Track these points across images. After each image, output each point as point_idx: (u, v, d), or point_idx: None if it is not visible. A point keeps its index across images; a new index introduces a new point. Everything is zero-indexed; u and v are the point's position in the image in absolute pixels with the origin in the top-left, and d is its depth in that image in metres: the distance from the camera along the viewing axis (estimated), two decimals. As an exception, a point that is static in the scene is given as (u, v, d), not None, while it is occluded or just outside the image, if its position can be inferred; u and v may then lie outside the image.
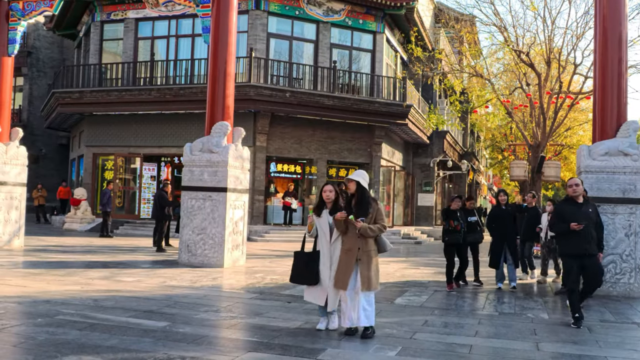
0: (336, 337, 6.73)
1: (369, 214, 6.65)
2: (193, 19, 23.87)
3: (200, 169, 13.13)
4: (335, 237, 6.84)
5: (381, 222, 6.77)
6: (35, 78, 34.64)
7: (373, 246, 6.76)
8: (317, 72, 23.80)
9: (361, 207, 6.66)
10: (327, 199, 6.86)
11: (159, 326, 6.92)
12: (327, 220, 6.85)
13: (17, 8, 15.78)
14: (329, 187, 6.92)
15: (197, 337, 6.49)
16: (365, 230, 6.57)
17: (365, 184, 6.78)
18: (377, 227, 6.69)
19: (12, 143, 15.98)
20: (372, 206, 6.73)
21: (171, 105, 22.89)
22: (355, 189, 6.76)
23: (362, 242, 6.65)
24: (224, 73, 13.46)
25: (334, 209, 6.82)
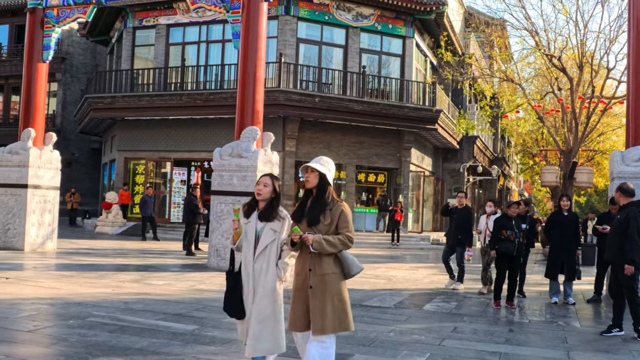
0: (365, 342, 6.71)
1: (319, 220, 4.54)
2: (223, 24, 24.06)
3: (230, 173, 13.21)
4: (259, 251, 4.84)
5: (345, 231, 4.55)
6: (68, 83, 35.22)
7: (332, 267, 4.57)
8: (346, 77, 23.80)
9: (315, 210, 4.59)
10: (257, 195, 4.87)
11: (188, 329, 6.97)
12: (255, 227, 4.90)
13: (52, 15, 16.08)
14: (264, 180, 4.93)
15: (226, 340, 6.52)
16: (320, 245, 4.43)
17: (330, 177, 4.68)
18: (339, 240, 4.50)
19: (46, 147, 16.26)
20: (331, 208, 4.58)
21: (201, 110, 23.09)
22: (317, 183, 4.63)
23: (314, 262, 4.53)
24: (253, 78, 13.53)
25: (266, 212, 4.88)
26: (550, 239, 10.85)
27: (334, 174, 4.79)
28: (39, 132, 16.26)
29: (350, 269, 4.69)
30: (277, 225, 4.88)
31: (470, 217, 11.54)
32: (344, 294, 4.64)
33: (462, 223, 11.42)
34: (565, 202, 10.56)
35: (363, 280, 12.34)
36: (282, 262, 4.87)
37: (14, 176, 15.72)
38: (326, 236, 4.49)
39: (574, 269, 10.49)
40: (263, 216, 4.87)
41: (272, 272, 4.84)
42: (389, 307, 9.31)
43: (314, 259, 4.55)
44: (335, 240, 4.51)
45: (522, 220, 10.35)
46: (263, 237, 4.86)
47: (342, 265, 4.66)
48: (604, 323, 8.53)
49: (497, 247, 9.69)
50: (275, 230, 4.87)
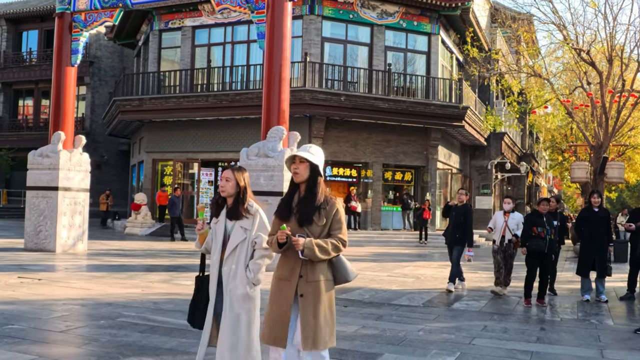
0: (394, 341, 6.67)
1: (312, 220, 3.99)
2: (248, 25, 24.14)
3: (257, 173, 13.25)
4: (229, 252, 4.35)
5: (338, 234, 4.03)
6: (97, 87, 35.67)
7: (325, 273, 4.07)
8: (371, 75, 23.73)
9: (307, 208, 4.01)
10: (222, 191, 4.42)
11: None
12: (224, 227, 4.42)
13: (80, 19, 16.28)
14: (225, 174, 4.43)
15: (255, 340, 6.52)
16: (312, 252, 3.89)
17: (321, 169, 4.14)
18: (333, 245, 3.97)
19: (76, 150, 16.48)
20: (325, 207, 4.04)
21: (227, 110, 23.20)
22: (308, 176, 4.08)
23: (306, 267, 4.02)
24: (279, 78, 13.55)
25: (233, 209, 4.39)
26: (581, 236, 10.68)
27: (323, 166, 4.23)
28: (68, 135, 16.48)
29: (346, 275, 4.19)
30: (248, 223, 4.36)
31: (469, 216, 10.94)
32: (333, 304, 4.15)
33: (460, 221, 10.84)
34: (596, 198, 10.43)
35: (391, 279, 12.30)
36: (253, 263, 4.33)
37: (44, 179, 15.96)
38: (318, 241, 3.94)
39: (606, 266, 10.33)
40: (231, 214, 4.38)
41: (241, 275, 4.31)
42: (417, 305, 9.25)
43: (306, 263, 4.02)
44: (328, 246, 3.96)
45: (553, 217, 10.18)
46: (232, 236, 4.36)
47: (336, 271, 4.15)
48: (637, 321, 8.39)
49: (528, 244, 9.59)
50: (245, 229, 4.35)
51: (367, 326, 7.46)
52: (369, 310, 8.62)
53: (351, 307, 8.90)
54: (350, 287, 10.93)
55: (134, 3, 15.66)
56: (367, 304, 9.27)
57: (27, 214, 16.12)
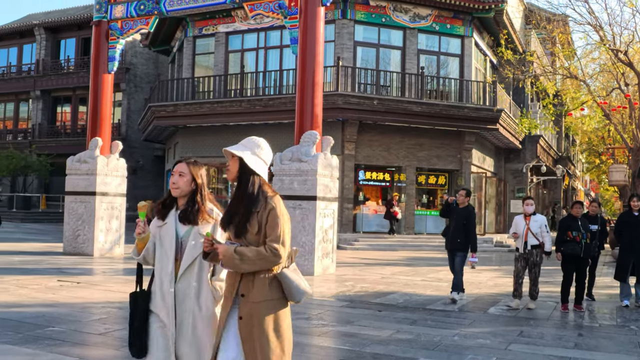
0: (429, 346, 6.64)
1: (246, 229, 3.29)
2: (281, 30, 24.28)
3: (290, 177, 13.31)
4: (186, 265, 3.51)
5: (271, 241, 3.25)
6: (132, 93, 36.22)
7: (269, 291, 3.30)
8: (404, 78, 23.65)
9: (237, 214, 3.33)
10: (174, 189, 3.63)
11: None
12: (174, 232, 3.59)
13: (116, 27, 16.57)
14: (178, 168, 3.71)
15: (290, 344, 6.55)
16: (231, 261, 3.22)
17: (255, 164, 3.44)
18: (258, 254, 3.22)
19: (113, 155, 16.76)
20: (259, 210, 3.30)
21: (261, 115, 23.34)
22: (237, 171, 3.43)
23: (247, 284, 3.30)
24: (312, 83, 13.61)
25: (188, 210, 3.59)
26: (619, 240, 10.44)
27: (268, 160, 3.53)
28: (105, 141, 16.77)
29: (290, 294, 3.34)
30: (208, 229, 3.53)
31: (472, 219, 10.00)
32: (285, 327, 3.34)
33: (461, 225, 9.95)
34: (635, 202, 10.19)
35: (425, 284, 12.25)
36: (218, 280, 3.60)
37: (82, 184, 16.27)
38: (242, 248, 3.22)
39: None
40: (185, 216, 3.56)
41: (206, 292, 3.53)
42: (452, 310, 9.19)
43: (247, 278, 3.29)
44: (252, 255, 3.19)
45: (592, 221, 10.01)
46: (191, 246, 3.52)
47: (284, 287, 3.34)
48: (679, 327, 8.21)
49: (563, 248, 9.43)
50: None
51: (401, 330, 7.44)
52: (403, 315, 8.60)
53: (385, 311, 8.88)
54: (384, 292, 10.93)
55: (169, 10, 15.88)
56: (401, 308, 9.24)
57: (66, 218, 16.44)
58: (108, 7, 16.59)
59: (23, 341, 6.25)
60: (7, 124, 40.29)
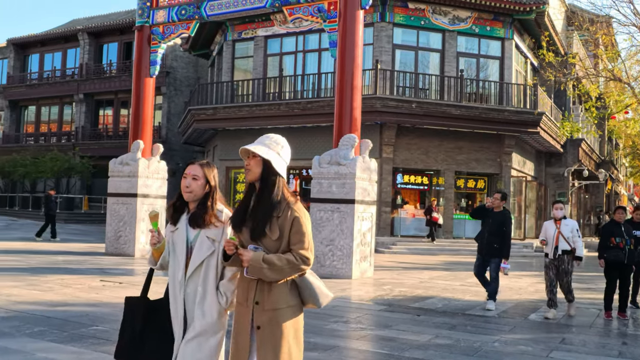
0: (469, 352, 6.58)
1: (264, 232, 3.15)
2: (319, 34, 24.36)
3: (329, 181, 13.34)
4: (192, 269, 3.41)
5: (298, 249, 3.14)
6: (172, 96, 36.72)
7: (288, 298, 3.19)
8: (443, 81, 23.50)
9: (258, 217, 3.18)
10: (187, 192, 3.50)
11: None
12: (185, 236, 3.49)
13: (158, 32, 16.84)
14: (192, 170, 3.56)
15: (328, 347, 6.57)
16: (259, 271, 3.08)
17: (280, 165, 3.29)
18: (288, 262, 3.10)
19: (154, 158, 17.02)
20: (279, 215, 3.18)
21: (299, 118, 23.44)
22: (261, 173, 3.29)
23: (262, 291, 3.17)
24: (351, 86, 13.62)
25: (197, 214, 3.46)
26: None
27: (288, 161, 3.36)
28: (147, 143, 17.05)
29: (315, 298, 3.22)
30: (216, 233, 3.43)
31: (508, 224, 9.72)
32: (301, 334, 3.26)
33: (496, 230, 9.63)
34: None
35: (464, 289, 12.13)
36: (225, 284, 3.41)
37: (124, 186, 16.56)
38: (271, 257, 3.07)
39: None
40: (194, 220, 3.45)
41: (211, 298, 3.37)
42: (492, 316, 9.09)
43: (262, 285, 3.15)
44: (282, 263, 3.07)
45: (636, 227, 9.75)
46: (197, 249, 3.43)
47: (302, 293, 3.22)
48: None
49: (606, 255, 9.21)
50: (213, 240, 3.43)
51: (440, 335, 7.39)
52: (442, 320, 8.53)
53: (424, 316, 8.83)
54: (423, 296, 10.86)
55: (209, 15, 16.07)
56: (440, 313, 9.18)
57: (108, 219, 16.75)
58: (150, 12, 16.87)
59: (68, 339, 6.39)
60: (52, 127, 41.24)
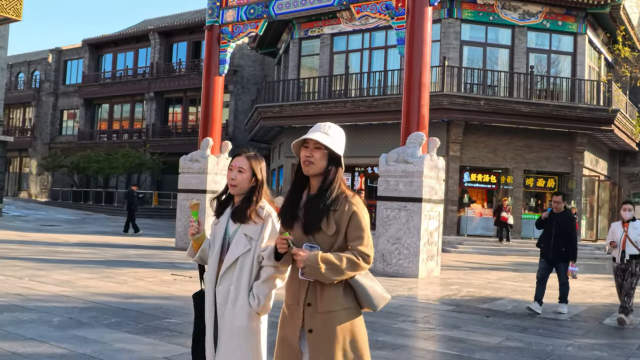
0: (541, 355, 6.44)
1: (319, 227, 2.91)
2: (386, 31, 24.24)
3: (396, 179, 13.27)
4: (226, 267, 3.24)
5: (357, 245, 2.90)
6: (239, 94, 37.29)
7: (343, 300, 2.93)
8: (512, 78, 23.00)
9: (315, 211, 2.93)
10: (231, 186, 3.32)
11: (359, 333, 7.08)
12: (224, 231, 3.33)
13: (227, 31, 17.12)
14: (238, 162, 3.33)
15: (397, 346, 6.55)
16: (317, 271, 2.81)
17: (341, 156, 3.02)
18: (348, 261, 2.84)
19: (222, 155, 17.34)
20: (336, 208, 2.93)
21: (365, 116, 23.40)
22: (325, 167, 2.99)
23: (314, 292, 2.93)
24: (418, 83, 13.51)
25: (240, 208, 3.29)
26: None
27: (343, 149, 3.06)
28: (216, 141, 17.38)
29: (369, 301, 2.98)
30: (254, 230, 3.23)
31: (573, 224, 9.39)
32: (361, 339, 2.96)
33: (562, 232, 9.27)
34: None
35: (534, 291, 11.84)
36: (258, 286, 3.17)
37: (194, 182, 16.94)
38: (329, 256, 2.82)
39: None
40: (236, 214, 3.27)
41: (242, 300, 3.17)
42: (565, 319, 8.85)
43: (314, 285, 2.91)
44: (341, 264, 2.82)
45: None
46: (233, 245, 3.24)
47: (358, 295, 2.97)
48: None
49: None
50: (250, 238, 3.22)
51: (511, 338, 7.26)
52: (512, 322, 8.37)
53: (493, 317, 8.68)
54: (492, 297, 10.69)
55: (277, 14, 16.23)
56: (510, 315, 9.01)
57: (178, 214, 17.17)
58: (220, 12, 17.18)
59: (143, 331, 6.60)
60: (124, 124, 42.55)
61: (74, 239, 18.20)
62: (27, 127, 48.69)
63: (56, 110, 46.43)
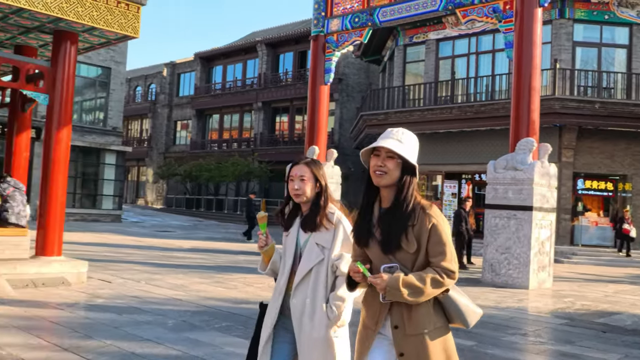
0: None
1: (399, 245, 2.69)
2: (493, 34, 23.67)
3: (504, 186, 12.90)
4: (300, 278, 3.14)
5: (440, 261, 2.67)
6: (344, 102, 37.56)
7: (433, 319, 2.73)
8: (631, 79, 21.78)
9: (394, 227, 2.71)
10: (295, 196, 3.22)
11: (467, 345, 6.93)
12: (296, 241, 3.26)
13: (332, 40, 17.32)
14: (298, 171, 3.24)
15: (506, 360, 6.35)
16: (398, 295, 2.61)
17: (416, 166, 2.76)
18: (433, 281, 2.63)
19: (328, 163, 17.51)
20: (414, 223, 2.70)
21: (472, 122, 22.92)
22: (399, 178, 2.76)
23: (400, 313, 2.71)
24: (528, 87, 13.09)
25: (309, 217, 3.20)
26: None
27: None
28: (322, 149, 17.59)
29: (462, 317, 2.78)
30: (326, 238, 3.13)
31: None
32: (455, 358, 2.78)
33: None
34: None
35: None
36: (335, 297, 3.06)
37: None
38: (410, 278, 2.61)
39: None
40: (307, 223, 3.18)
41: (320, 312, 3.05)
42: (691, 337, 8.24)
43: (399, 306, 2.69)
44: (425, 286, 2.61)
45: None
46: (305, 256, 3.15)
47: (449, 311, 2.78)
48: None
49: None
50: (322, 246, 3.12)
51: (630, 355, 6.84)
52: (632, 338, 7.89)
53: (610, 333, 8.22)
54: (609, 311, 10.14)
55: (382, 21, 16.23)
56: (629, 331, 8.50)
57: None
58: (325, 22, 17.40)
59: (251, 337, 6.74)
60: (233, 134, 43.93)
61: (187, 245, 18.96)
62: (144, 138, 51.30)
63: (170, 121, 48.64)
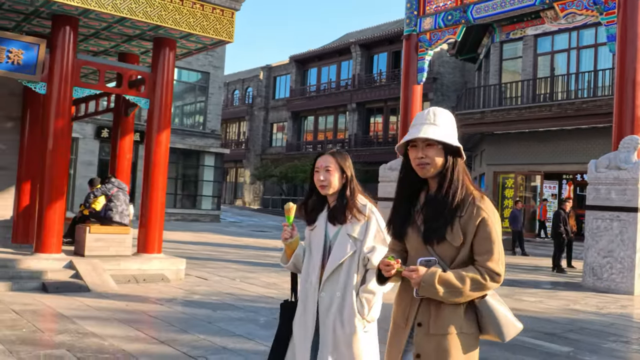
0: None
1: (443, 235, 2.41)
2: (595, 28, 22.65)
3: (607, 187, 12.30)
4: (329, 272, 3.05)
5: (486, 261, 2.36)
6: (439, 102, 37.01)
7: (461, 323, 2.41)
8: None
9: (438, 216, 2.42)
10: (321, 188, 3.16)
11: (563, 351, 6.66)
12: (324, 234, 3.16)
13: (425, 39, 17.11)
14: (323, 162, 3.21)
15: (605, 368, 6.05)
16: (433, 291, 2.34)
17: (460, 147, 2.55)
18: (472, 281, 2.34)
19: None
20: (462, 214, 2.41)
21: (572, 120, 22.02)
22: (443, 163, 2.48)
23: (428, 311, 2.43)
24: (632, 82, 12.42)
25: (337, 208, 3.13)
26: None
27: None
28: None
29: (498, 328, 2.42)
30: (358, 230, 3.04)
31: None
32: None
33: None
34: None
35: None
36: (366, 291, 2.98)
37: (388, 190, 17.09)
38: (448, 275, 2.34)
39: None
40: (335, 215, 3.09)
41: (350, 307, 2.96)
42: None
43: (428, 303, 2.43)
44: (464, 285, 2.33)
45: None
46: (336, 248, 3.04)
47: (482, 320, 2.44)
48: None
49: None
50: (355, 238, 3.03)
51: None
52: None
53: None
54: None
55: (476, 18, 15.88)
56: None
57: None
58: (417, 21, 17.22)
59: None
60: (328, 135, 44.27)
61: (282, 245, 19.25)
62: (242, 140, 52.63)
63: (267, 124, 49.65)
